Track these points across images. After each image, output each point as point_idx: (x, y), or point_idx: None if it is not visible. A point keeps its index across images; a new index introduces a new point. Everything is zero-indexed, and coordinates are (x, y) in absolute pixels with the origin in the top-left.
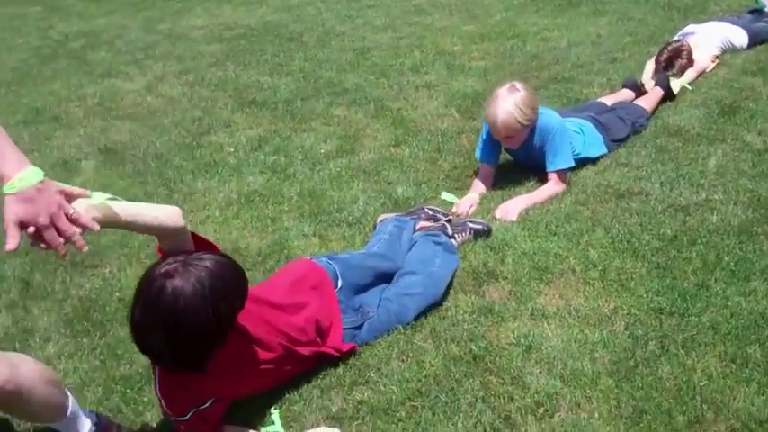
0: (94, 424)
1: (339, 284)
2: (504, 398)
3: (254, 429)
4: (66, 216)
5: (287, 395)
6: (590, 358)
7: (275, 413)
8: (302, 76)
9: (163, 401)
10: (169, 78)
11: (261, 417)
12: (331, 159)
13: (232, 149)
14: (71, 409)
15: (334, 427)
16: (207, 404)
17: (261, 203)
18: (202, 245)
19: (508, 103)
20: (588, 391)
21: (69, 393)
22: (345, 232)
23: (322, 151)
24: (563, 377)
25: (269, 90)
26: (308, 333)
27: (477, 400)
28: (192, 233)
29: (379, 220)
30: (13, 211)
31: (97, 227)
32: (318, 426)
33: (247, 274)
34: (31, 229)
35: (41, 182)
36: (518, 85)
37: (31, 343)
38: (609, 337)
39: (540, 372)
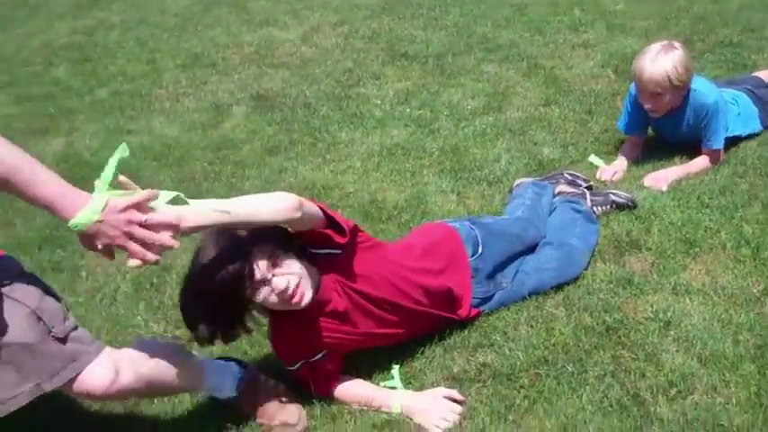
0: (239, 379)
1: (479, 251)
2: (635, 374)
3: (372, 383)
4: (143, 225)
5: (408, 352)
6: (733, 340)
7: (395, 369)
8: (456, 31)
9: (274, 350)
10: (324, 29)
11: (381, 371)
12: (477, 116)
13: (379, 102)
14: (207, 373)
15: (453, 388)
16: (317, 357)
17: (402, 157)
18: (332, 223)
19: (663, 59)
20: (727, 375)
21: (202, 358)
22: (485, 191)
23: (468, 107)
24: (701, 358)
25: (421, 44)
26: (436, 299)
27: (605, 374)
28: (324, 211)
29: (515, 184)
30: (87, 246)
31: (174, 220)
32: (438, 386)
33: (382, 226)
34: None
35: (101, 215)
36: (676, 43)
37: None
38: (756, 319)
39: (677, 350)
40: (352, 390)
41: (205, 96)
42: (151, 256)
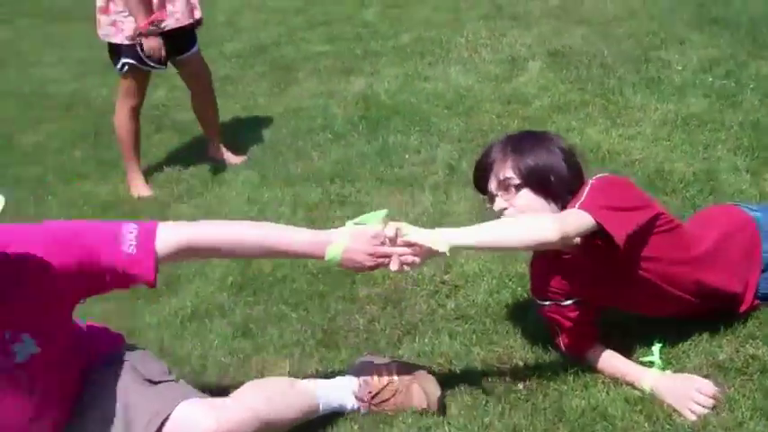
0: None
1: None
2: None
3: (631, 357)
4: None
5: (673, 330)
6: None
7: (656, 347)
8: None
9: (531, 279)
10: None
11: (642, 345)
12: None
13: (680, 68)
14: (323, 403)
15: (716, 376)
16: (566, 303)
17: (696, 128)
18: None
19: None
20: None
21: (316, 385)
22: None
23: None
24: None
25: (736, 8)
26: (711, 295)
27: None
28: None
29: None
30: (354, 270)
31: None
32: (701, 371)
33: (665, 198)
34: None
35: (346, 250)
36: None
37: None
38: None
39: None
40: (605, 358)
41: (502, 49)
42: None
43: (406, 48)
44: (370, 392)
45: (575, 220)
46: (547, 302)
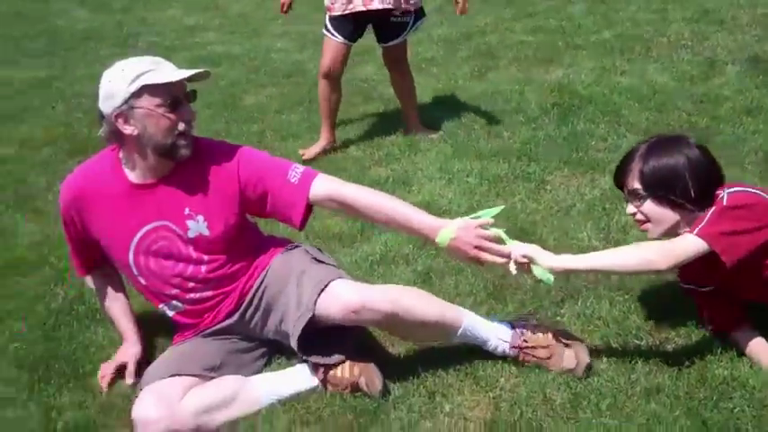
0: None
1: None
2: None
3: None
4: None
5: None
6: None
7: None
8: None
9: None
10: None
11: None
12: None
13: None
14: (465, 327)
15: None
16: (704, 289)
17: None
18: None
19: None
20: None
21: (466, 313)
22: None
23: None
24: None
25: None
26: None
27: None
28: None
29: None
30: (458, 258)
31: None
32: None
33: None
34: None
35: (454, 238)
36: None
37: None
38: None
39: None
40: (750, 340)
41: (703, 51)
42: (500, 260)
43: (607, 43)
44: (525, 341)
45: (686, 248)
46: (688, 285)
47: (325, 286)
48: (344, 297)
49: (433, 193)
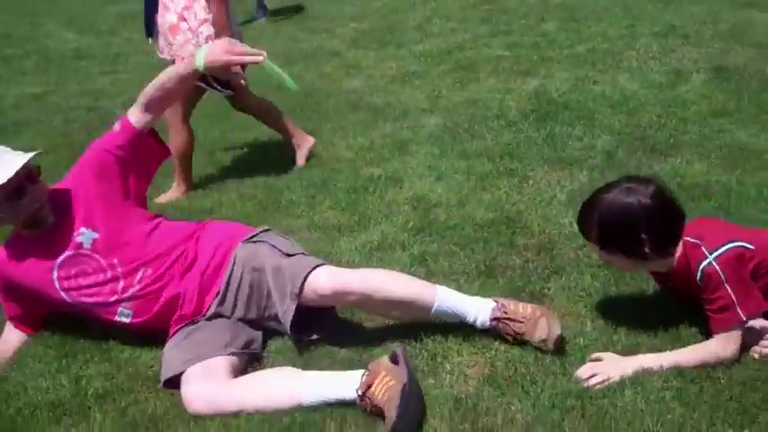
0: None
1: None
2: None
3: None
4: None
5: None
6: None
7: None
8: None
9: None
10: None
11: None
12: None
13: None
14: (440, 303)
15: None
16: None
17: None
18: None
19: None
20: None
21: (439, 288)
22: None
23: None
24: None
25: None
26: None
27: None
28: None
29: None
30: (218, 74)
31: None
32: None
33: None
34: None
35: (207, 53)
36: None
37: None
38: None
39: None
40: None
41: (669, 62)
42: (253, 58)
43: (580, 57)
44: (505, 312)
45: (740, 334)
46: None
47: (307, 275)
48: (318, 282)
49: (423, 189)
